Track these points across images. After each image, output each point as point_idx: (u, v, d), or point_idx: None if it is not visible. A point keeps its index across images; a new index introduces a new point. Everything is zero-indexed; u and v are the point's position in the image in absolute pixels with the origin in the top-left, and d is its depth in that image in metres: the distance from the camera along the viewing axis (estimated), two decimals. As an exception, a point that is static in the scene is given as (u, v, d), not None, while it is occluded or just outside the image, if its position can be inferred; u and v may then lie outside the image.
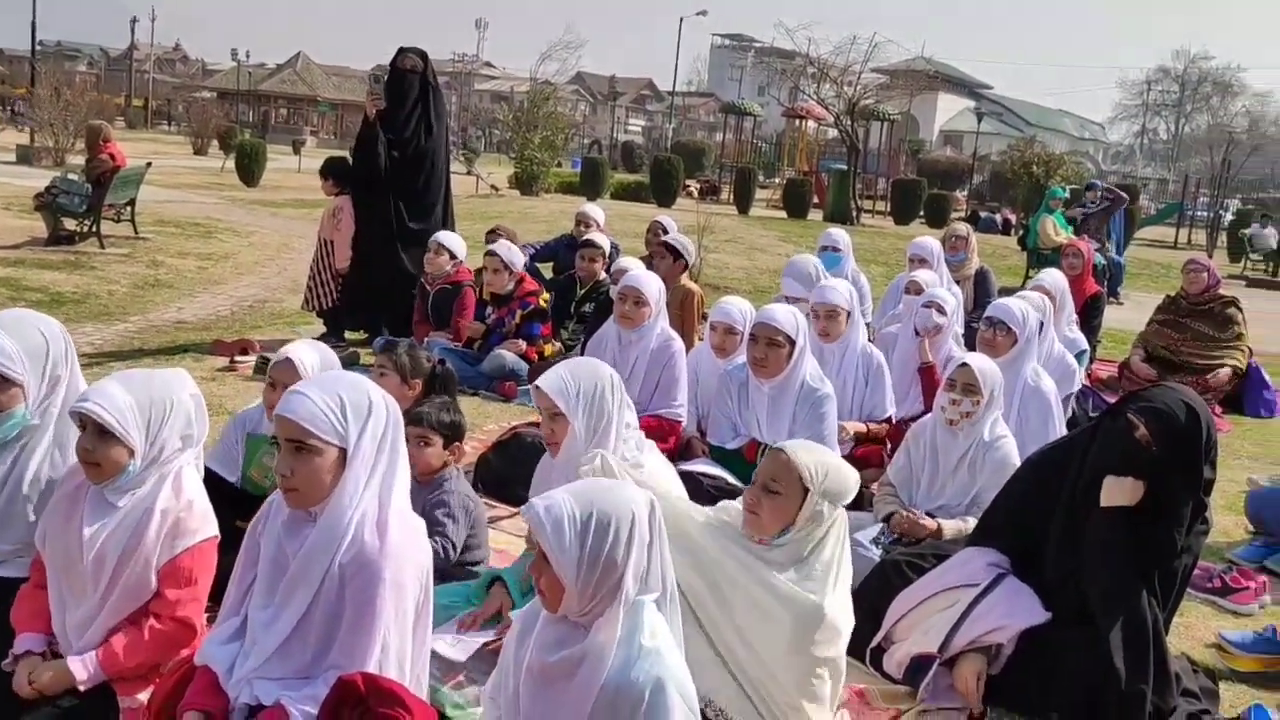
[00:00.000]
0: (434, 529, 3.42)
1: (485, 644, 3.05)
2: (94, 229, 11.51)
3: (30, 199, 12.14)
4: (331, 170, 8.04)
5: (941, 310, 5.55)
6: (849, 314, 5.31)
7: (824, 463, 2.80)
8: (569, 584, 2.10)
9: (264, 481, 3.40)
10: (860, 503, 4.71)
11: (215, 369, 6.61)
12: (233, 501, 3.22)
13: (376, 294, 7.66)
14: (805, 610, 2.78)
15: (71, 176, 12.00)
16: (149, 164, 13.01)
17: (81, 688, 2.57)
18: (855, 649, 3.45)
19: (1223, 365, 7.57)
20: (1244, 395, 7.67)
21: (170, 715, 2.39)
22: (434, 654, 2.84)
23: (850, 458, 4.81)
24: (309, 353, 3.44)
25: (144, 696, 2.59)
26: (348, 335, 7.82)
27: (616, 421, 3.30)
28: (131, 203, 12.31)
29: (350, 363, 7.02)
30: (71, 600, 2.66)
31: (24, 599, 2.75)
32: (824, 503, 2.77)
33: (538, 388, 3.27)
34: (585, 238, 8.01)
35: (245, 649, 2.41)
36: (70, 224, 11.55)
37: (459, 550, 3.50)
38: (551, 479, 3.34)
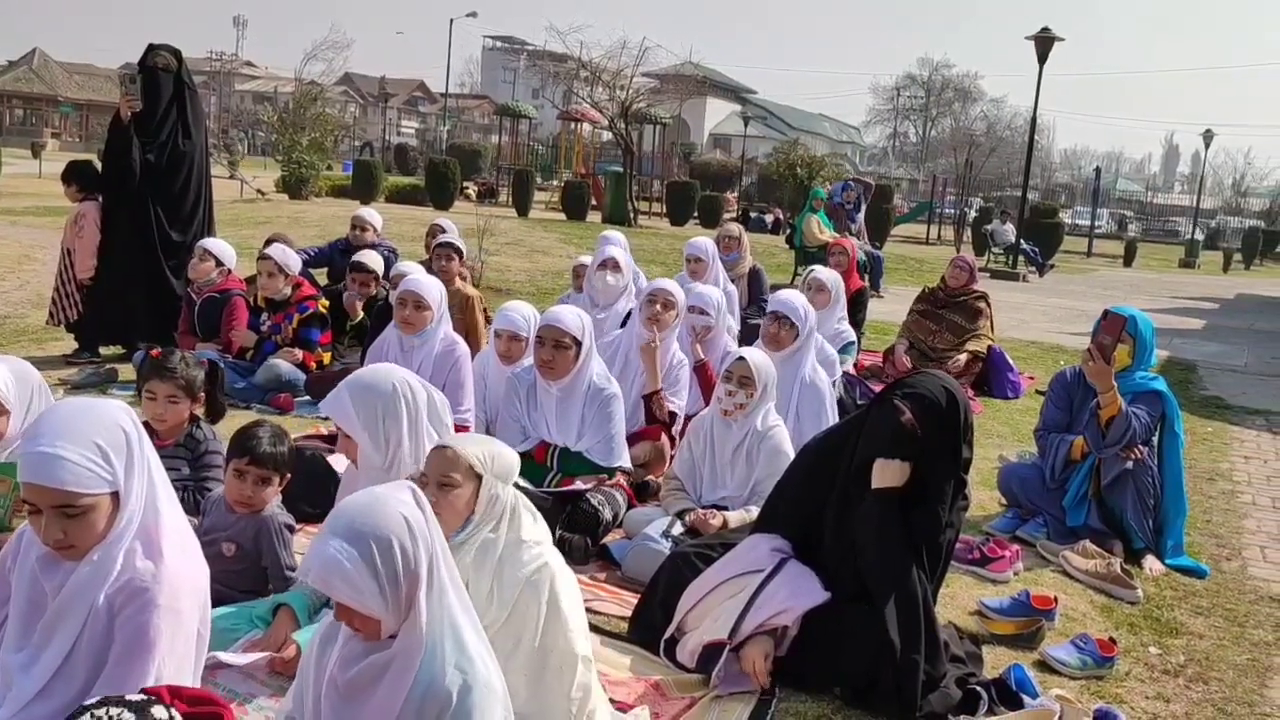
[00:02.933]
0: (270, 559, 3.37)
1: (270, 659, 2.92)
2: None
3: None
4: (76, 174, 7.46)
5: (704, 311, 5.72)
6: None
7: (488, 449, 2.79)
8: (382, 615, 2.05)
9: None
10: (643, 495, 4.83)
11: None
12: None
13: (131, 306, 7.18)
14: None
15: None
16: None
17: None
18: (649, 641, 3.53)
19: (961, 351, 8.16)
20: (991, 379, 8.29)
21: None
22: (210, 680, 2.71)
23: (629, 436, 4.93)
24: (1, 370, 3.15)
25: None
26: (103, 351, 7.31)
27: (409, 426, 3.23)
28: None
29: (108, 379, 6.57)
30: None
31: None
32: (498, 484, 2.76)
33: (320, 409, 3.20)
34: (354, 260, 7.35)
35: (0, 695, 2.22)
36: None
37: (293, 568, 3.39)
38: (357, 486, 3.24)
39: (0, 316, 8.92)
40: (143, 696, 1.79)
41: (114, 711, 1.74)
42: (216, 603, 2.60)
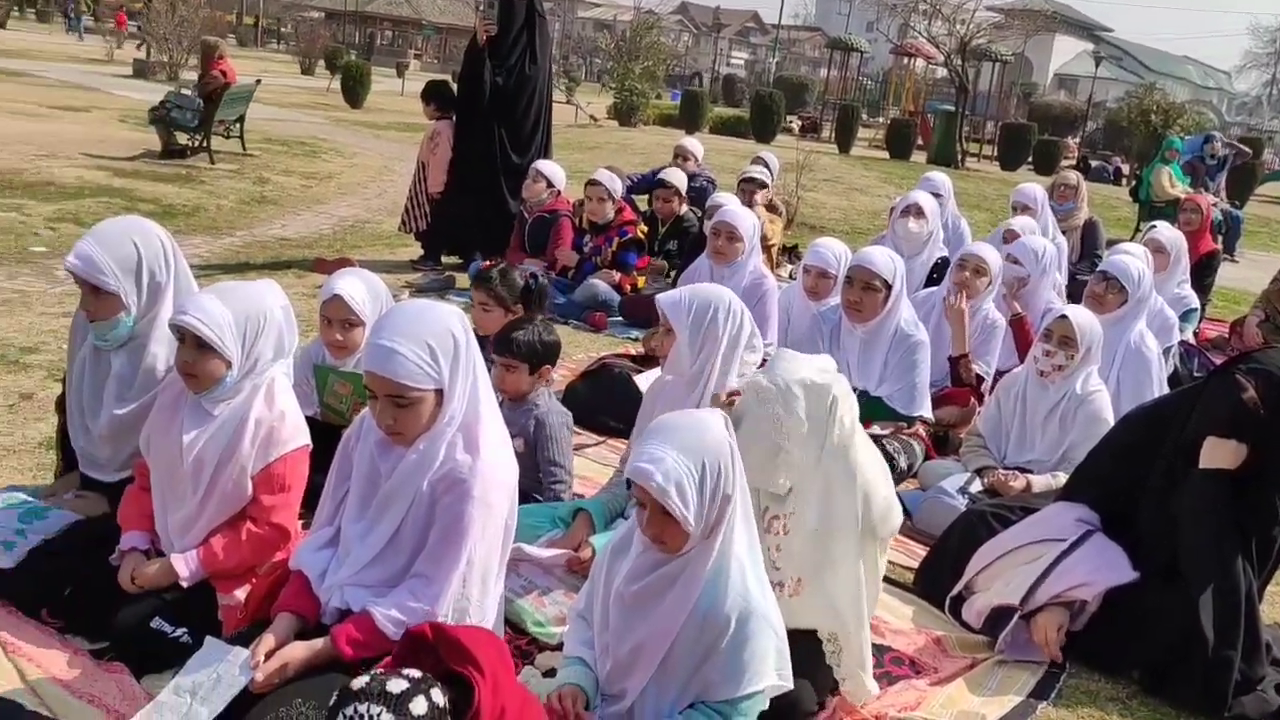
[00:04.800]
0: (541, 455, 3.50)
1: (569, 558, 3.11)
2: (204, 144, 11.81)
3: (145, 113, 12.49)
4: (433, 94, 8.10)
5: (1018, 262, 5.38)
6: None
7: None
8: (693, 529, 2.16)
9: (341, 407, 3.48)
10: (943, 448, 4.67)
11: (315, 286, 6.76)
12: (312, 433, 3.33)
13: (472, 220, 7.72)
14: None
15: (185, 92, 12.30)
16: (258, 81, 13.25)
17: (184, 584, 2.70)
18: (935, 597, 3.46)
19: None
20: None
21: (265, 614, 2.50)
22: (514, 570, 2.92)
23: (937, 397, 4.77)
24: (356, 286, 3.45)
25: (240, 594, 2.71)
26: (444, 260, 7.93)
27: (727, 346, 3.29)
28: (241, 119, 12.58)
29: (446, 286, 7.14)
30: (173, 502, 2.79)
31: (130, 499, 2.89)
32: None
33: (658, 302, 3.32)
34: (659, 176, 7.90)
35: (339, 558, 2.51)
36: (182, 138, 11.86)
37: (570, 472, 3.58)
38: (658, 402, 3.38)
39: (361, 221, 9.88)
40: (405, 685, 1.86)
41: (374, 710, 1.81)
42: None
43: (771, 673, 2.21)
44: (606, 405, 4.75)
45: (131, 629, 2.63)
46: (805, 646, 2.45)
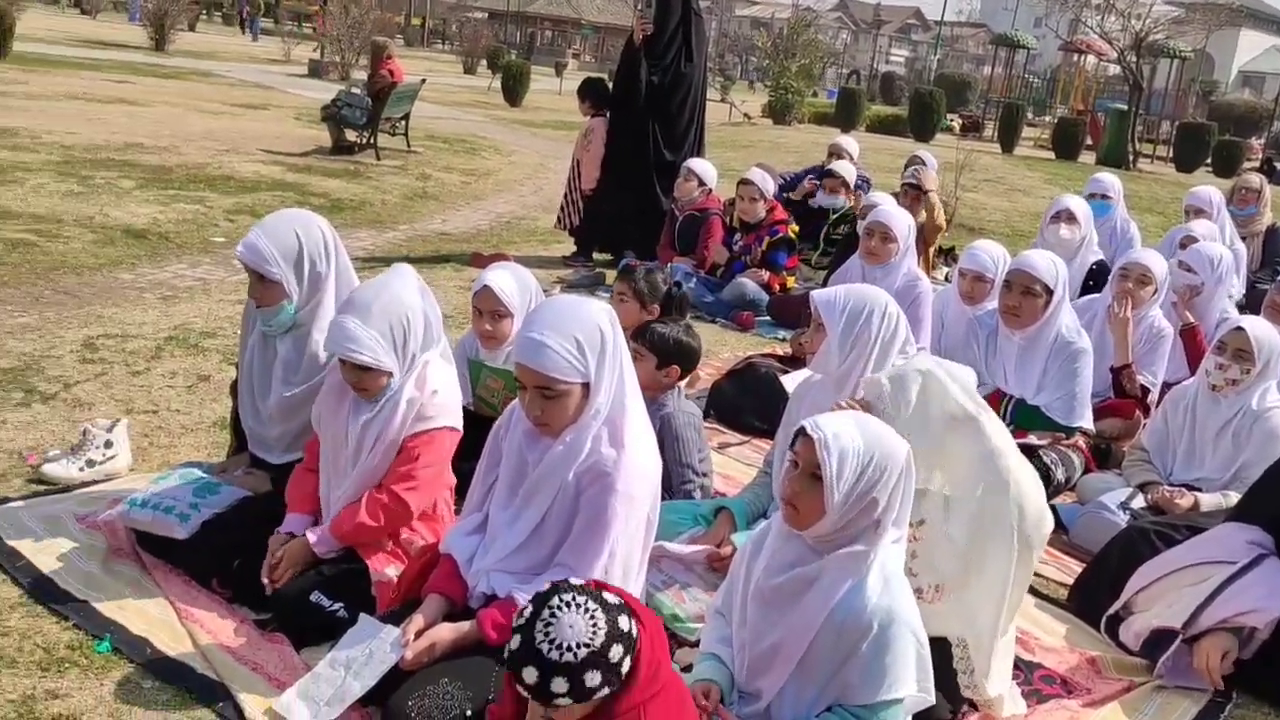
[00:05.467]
0: (668, 455, 3.47)
1: (710, 554, 3.12)
2: (372, 141, 12.29)
3: (318, 110, 13.08)
4: (590, 91, 8.24)
5: (1190, 269, 5.09)
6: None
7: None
8: (831, 511, 2.13)
9: (492, 400, 3.57)
10: (1104, 462, 4.48)
11: (471, 279, 6.95)
12: (465, 422, 3.42)
13: (623, 217, 7.81)
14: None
15: (354, 90, 12.82)
16: (423, 81, 13.70)
17: (317, 551, 2.82)
18: (1090, 615, 3.32)
19: None
20: None
21: (416, 595, 2.60)
22: (655, 565, 2.95)
23: (1099, 409, 4.57)
24: (507, 279, 3.54)
25: (391, 572, 2.82)
26: (595, 256, 8.04)
27: (879, 350, 3.22)
28: (406, 117, 13.04)
29: (596, 283, 7.24)
30: (335, 480, 2.92)
31: (295, 481, 3.04)
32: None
33: (811, 298, 3.29)
34: (827, 168, 8.09)
35: (486, 544, 2.59)
36: (351, 135, 12.37)
37: (700, 472, 3.56)
38: (805, 400, 3.35)
39: (517, 217, 10.11)
40: (617, 600, 1.89)
41: (591, 606, 1.84)
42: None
43: (912, 682, 2.16)
44: (752, 405, 4.74)
45: (292, 602, 2.76)
46: (936, 653, 2.39)
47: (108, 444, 3.65)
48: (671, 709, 1.97)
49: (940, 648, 2.58)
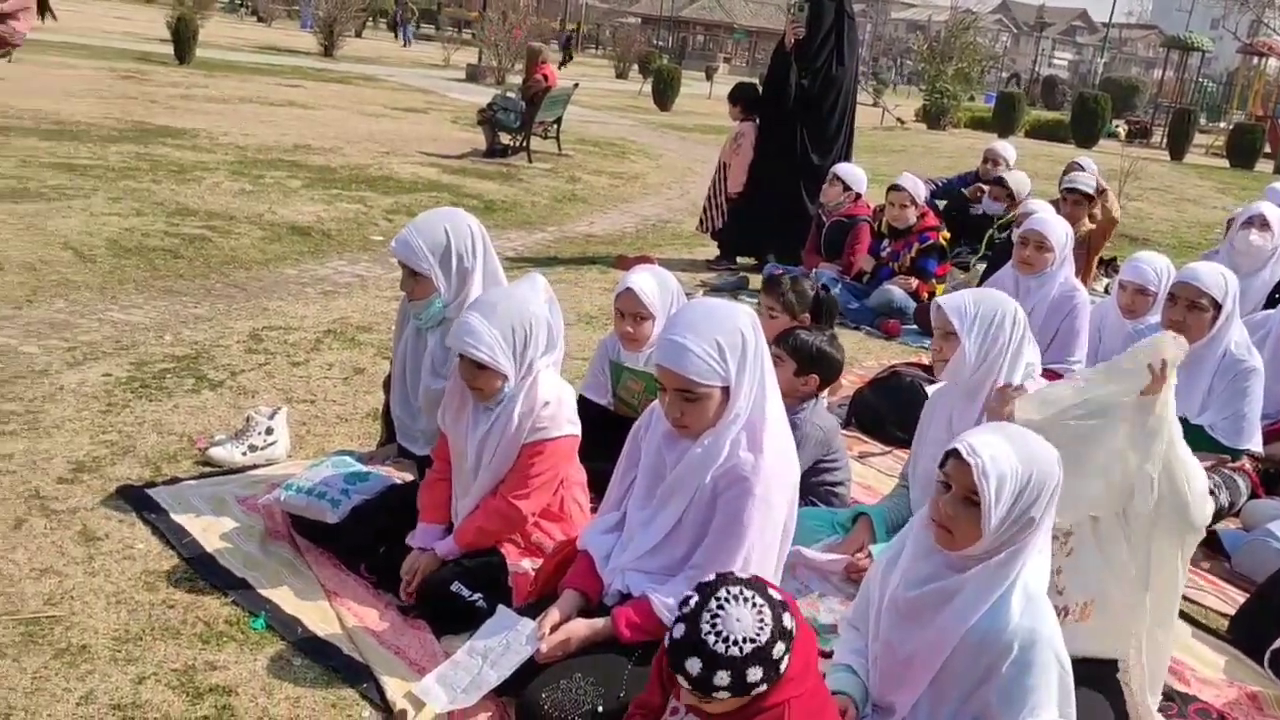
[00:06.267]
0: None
1: (847, 564, 3.07)
2: (525, 144, 12.56)
3: (474, 114, 13.44)
4: (741, 95, 8.23)
5: None
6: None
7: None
8: (988, 535, 2.06)
9: (632, 401, 3.61)
10: (1273, 487, 4.23)
11: (615, 282, 7.04)
12: (604, 422, 3.49)
13: (769, 221, 7.77)
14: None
15: (510, 94, 13.12)
16: (576, 85, 13.93)
17: (445, 559, 2.91)
18: (1252, 648, 3.14)
19: None
20: None
21: (553, 589, 2.65)
22: (791, 573, 2.92)
23: (1269, 432, 4.32)
24: (649, 282, 3.56)
25: (526, 564, 2.88)
26: (739, 260, 8.03)
27: (1011, 354, 3.15)
28: (558, 121, 13.28)
29: (739, 286, 7.23)
30: (461, 491, 3.01)
31: (425, 489, 3.10)
32: None
33: (938, 305, 3.22)
34: (998, 175, 7.94)
35: (623, 542, 2.61)
36: (505, 138, 12.67)
37: (839, 481, 3.53)
38: (936, 410, 3.28)
39: (662, 221, 10.18)
40: (780, 596, 1.88)
41: (758, 600, 1.83)
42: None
43: (1054, 706, 2.07)
44: (894, 414, 4.65)
45: (434, 590, 2.85)
46: (1098, 673, 2.29)
47: (269, 431, 3.84)
48: (814, 708, 1.96)
49: (1088, 668, 2.48)
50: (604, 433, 3.06)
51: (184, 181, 8.72)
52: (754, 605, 1.83)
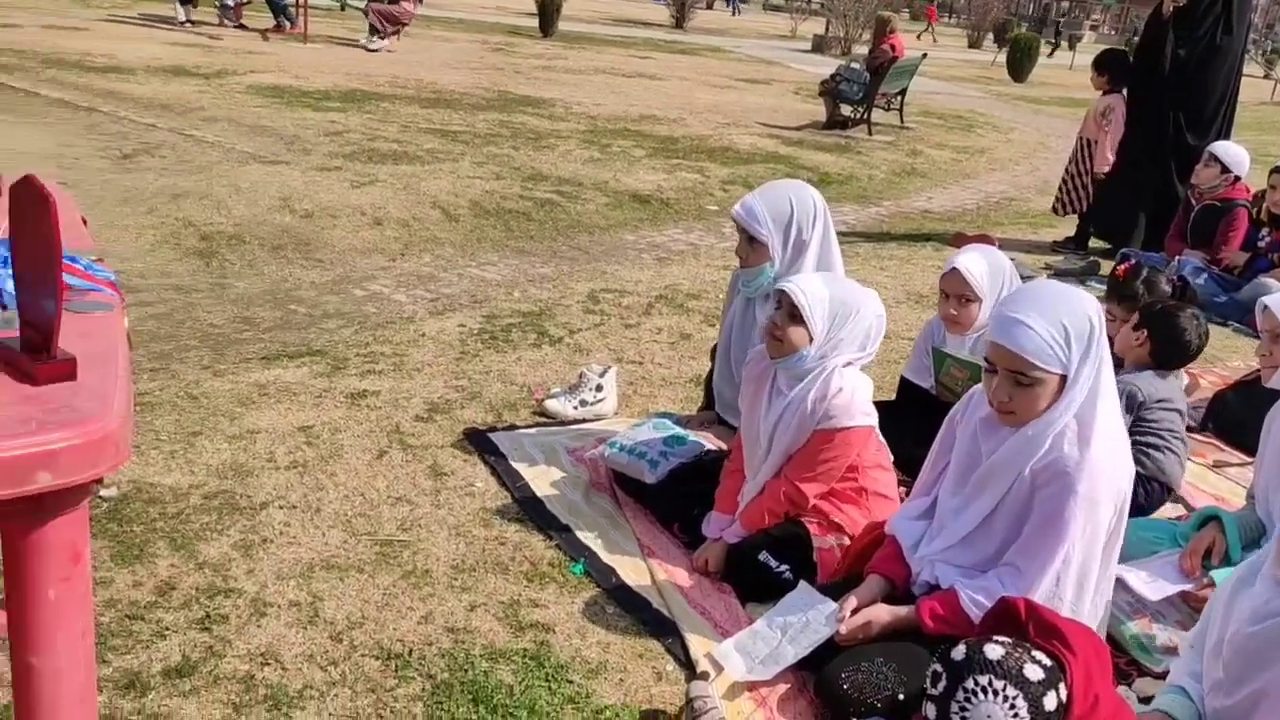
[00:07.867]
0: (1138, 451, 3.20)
1: (1182, 593, 2.81)
2: (866, 116, 12.33)
3: (816, 85, 13.35)
4: (1108, 63, 7.61)
5: None
6: None
7: None
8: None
9: (956, 389, 3.45)
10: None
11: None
12: (925, 406, 3.39)
13: (1132, 204, 7.18)
14: None
15: (854, 65, 12.92)
16: (924, 55, 13.49)
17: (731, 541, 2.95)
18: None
19: None
20: None
21: (858, 570, 2.62)
22: (1122, 586, 2.70)
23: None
24: (978, 262, 3.38)
25: (830, 540, 2.86)
26: (1090, 244, 7.49)
27: None
28: (902, 93, 12.92)
29: (1089, 272, 6.75)
30: (749, 471, 3.02)
31: (723, 479, 3.14)
32: None
33: (1264, 306, 2.88)
34: (1277, 165, 6.77)
35: (932, 531, 2.54)
36: (846, 110, 12.50)
37: (1167, 488, 3.23)
38: (1277, 423, 2.93)
39: (1007, 198, 9.68)
40: (1040, 674, 1.79)
41: (1010, 693, 1.76)
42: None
43: None
44: (1255, 422, 4.17)
45: (743, 557, 2.90)
46: None
47: (598, 388, 4.04)
48: None
49: None
50: (924, 417, 2.97)
51: (539, 149, 9.29)
52: (1006, 700, 1.74)
